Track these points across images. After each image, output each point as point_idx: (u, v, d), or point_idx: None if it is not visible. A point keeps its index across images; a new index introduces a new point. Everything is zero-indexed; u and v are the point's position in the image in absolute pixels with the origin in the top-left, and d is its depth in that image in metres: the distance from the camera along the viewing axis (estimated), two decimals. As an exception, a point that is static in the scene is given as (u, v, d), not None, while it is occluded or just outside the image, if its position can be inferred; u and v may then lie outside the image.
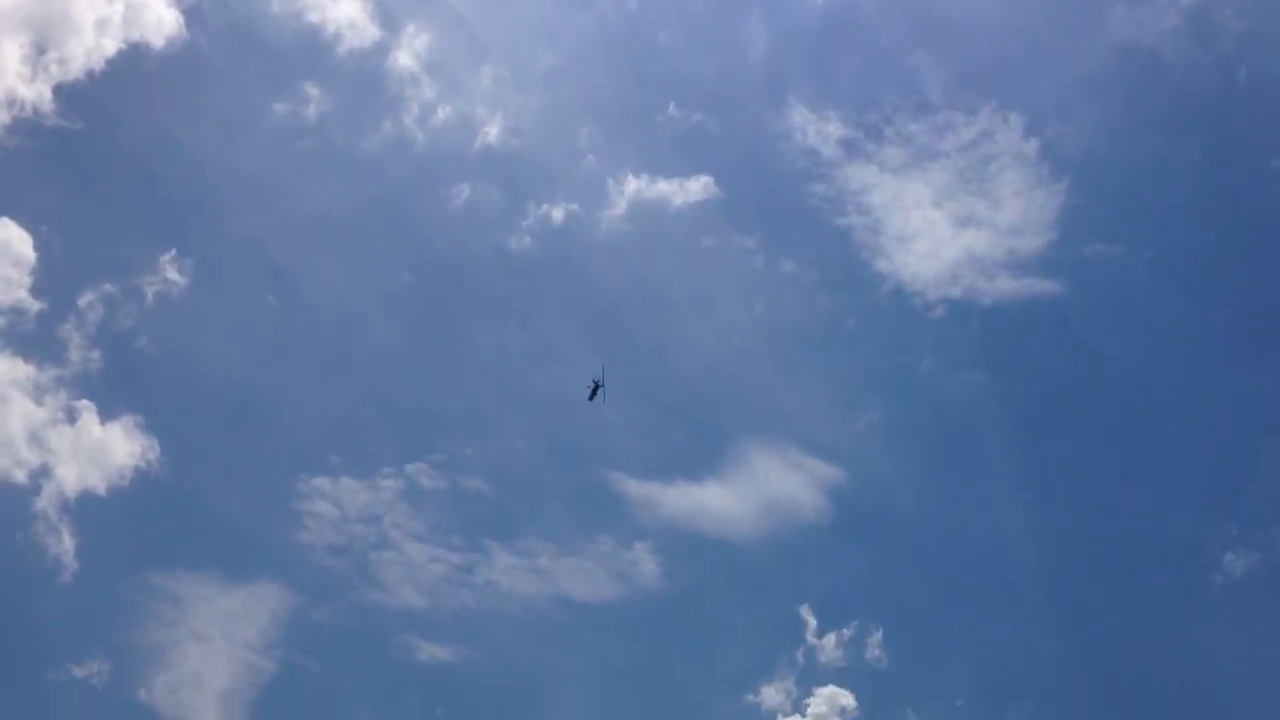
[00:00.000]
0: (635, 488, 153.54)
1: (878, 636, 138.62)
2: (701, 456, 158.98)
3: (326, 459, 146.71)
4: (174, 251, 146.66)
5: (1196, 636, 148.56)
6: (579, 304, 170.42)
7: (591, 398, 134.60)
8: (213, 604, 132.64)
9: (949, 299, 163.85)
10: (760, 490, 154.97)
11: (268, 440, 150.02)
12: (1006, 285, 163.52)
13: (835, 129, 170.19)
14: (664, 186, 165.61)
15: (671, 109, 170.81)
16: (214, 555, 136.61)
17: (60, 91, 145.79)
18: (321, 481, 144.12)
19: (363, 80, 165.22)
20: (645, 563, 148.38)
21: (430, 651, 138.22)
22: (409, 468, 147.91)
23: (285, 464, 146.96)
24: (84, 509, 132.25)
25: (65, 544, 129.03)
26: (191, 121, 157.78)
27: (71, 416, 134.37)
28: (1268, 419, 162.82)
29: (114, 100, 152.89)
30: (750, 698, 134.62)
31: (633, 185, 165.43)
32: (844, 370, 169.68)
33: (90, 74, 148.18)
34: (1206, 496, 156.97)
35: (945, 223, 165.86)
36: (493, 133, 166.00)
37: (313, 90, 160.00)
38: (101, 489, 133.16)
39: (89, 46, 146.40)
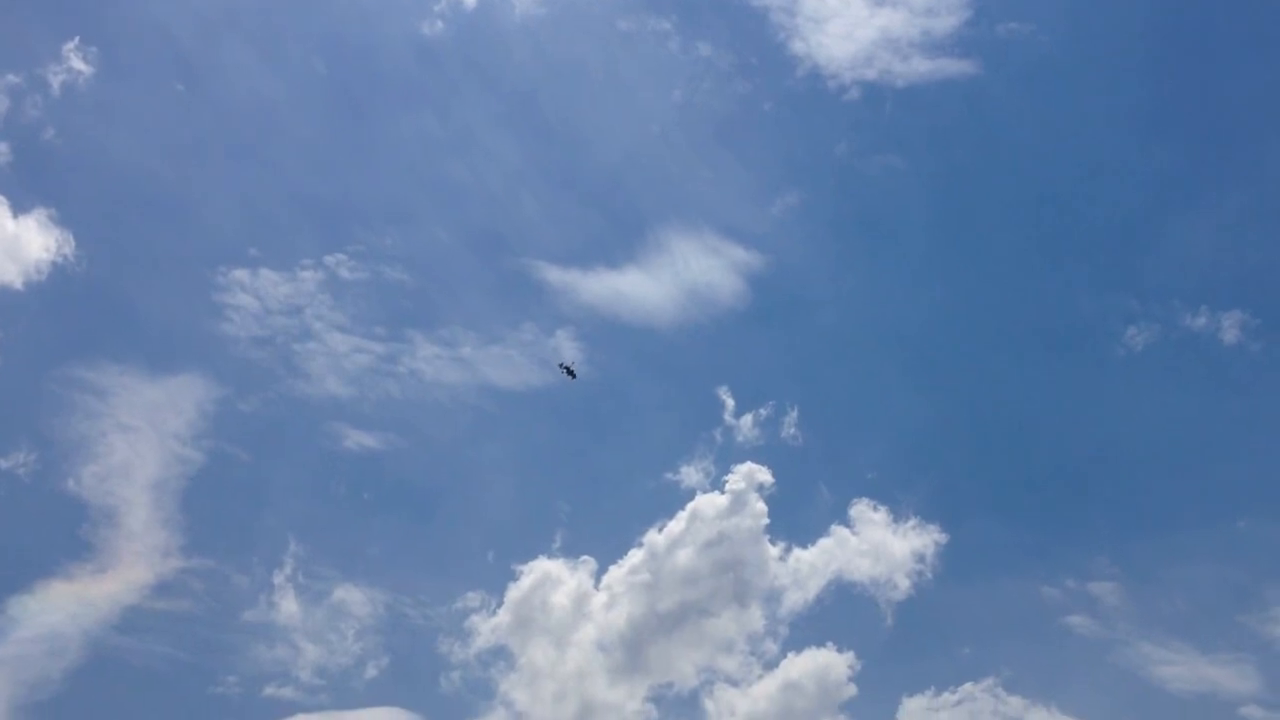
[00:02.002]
0: (556, 275, 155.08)
1: (793, 415, 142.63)
2: (620, 243, 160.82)
3: (245, 251, 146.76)
4: (78, 39, 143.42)
5: (1099, 409, 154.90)
6: (495, 91, 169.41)
7: (574, 376, 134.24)
8: (138, 396, 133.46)
9: (864, 81, 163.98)
10: (679, 275, 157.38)
11: (184, 232, 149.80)
12: (921, 66, 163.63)
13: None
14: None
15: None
16: (136, 348, 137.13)
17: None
18: (241, 274, 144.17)
19: None
20: (567, 349, 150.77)
21: (357, 439, 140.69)
22: (328, 259, 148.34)
23: (203, 256, 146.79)
24: (1, 304, 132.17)
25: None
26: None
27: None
28: (1173, 194, 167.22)
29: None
30: (670, 476, 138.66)
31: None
32: (761, 155, 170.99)
33: None
34: (1111, 272, 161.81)
35: (860, 2, 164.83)
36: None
37: None
38: (18, 283, 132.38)
39: None
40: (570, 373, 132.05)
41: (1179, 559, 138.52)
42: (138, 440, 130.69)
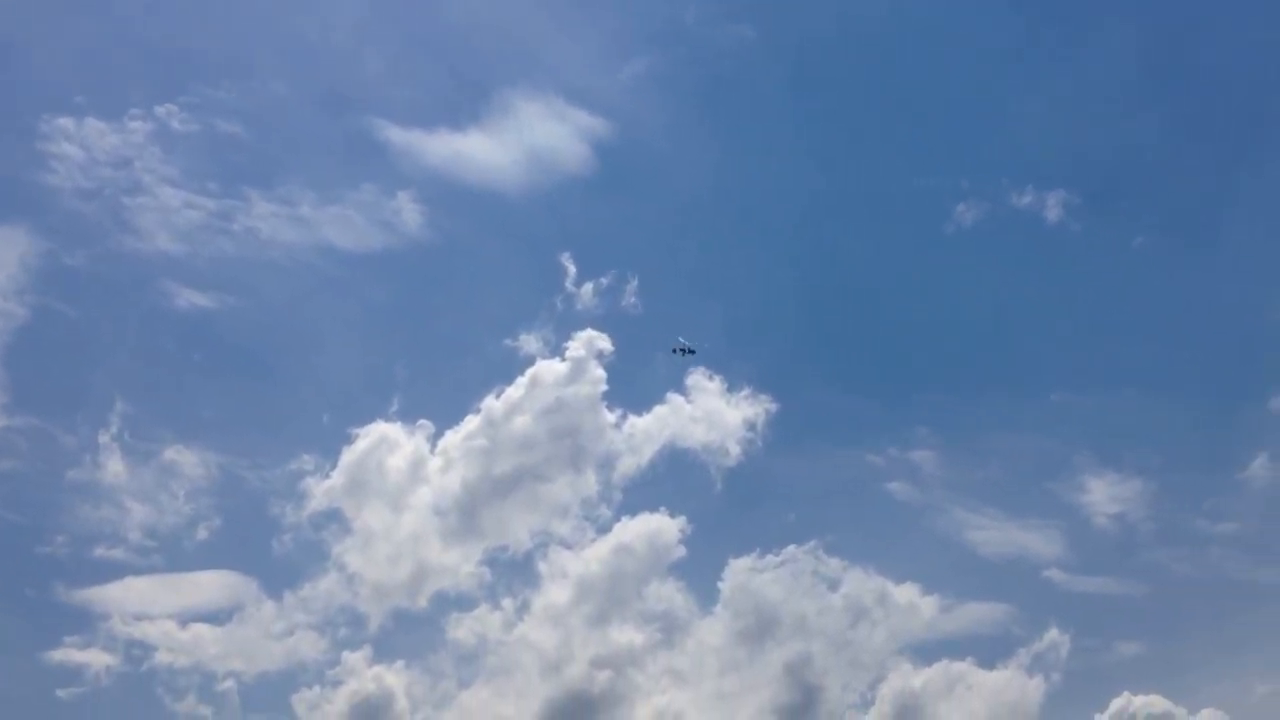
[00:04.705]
0: (398, 135, 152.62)
1: (634, 284, 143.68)
2: (465, 105, 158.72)
3: (70, 98, 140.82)
4: None
5: (927, 285, 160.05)
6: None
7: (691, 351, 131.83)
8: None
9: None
10: (524, 140, 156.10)
11: (4, 76, 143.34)
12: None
13: None
14: None
15: None
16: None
17: None
18: (65, 122, 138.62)
19: None
20: (408, 211, 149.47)
21: (189, 298, 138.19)
22: (159, 109, 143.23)
23: (25, 102, 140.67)
24: None
25: None
26: None
27: None
28: (1007, 73, 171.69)
29: None
30: (509, 342, 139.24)
31: None
32: (609, 19, 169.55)
33: None
34: (944, 149, 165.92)
35: None
36: None
37: None
38: None
39: None
40: (689, 351, 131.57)
41: (994, 429, 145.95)
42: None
